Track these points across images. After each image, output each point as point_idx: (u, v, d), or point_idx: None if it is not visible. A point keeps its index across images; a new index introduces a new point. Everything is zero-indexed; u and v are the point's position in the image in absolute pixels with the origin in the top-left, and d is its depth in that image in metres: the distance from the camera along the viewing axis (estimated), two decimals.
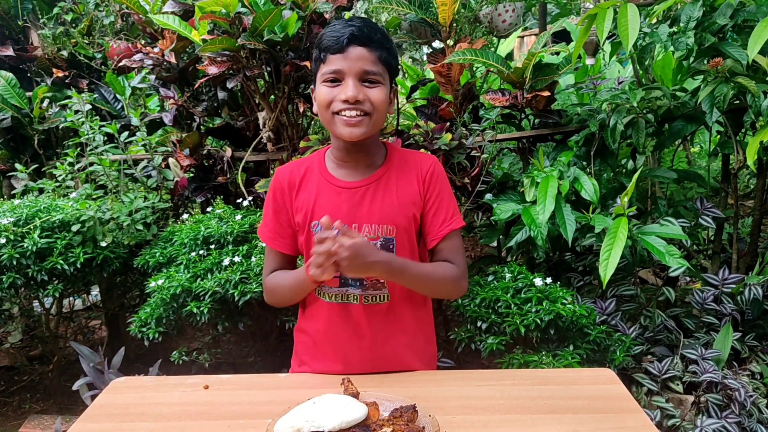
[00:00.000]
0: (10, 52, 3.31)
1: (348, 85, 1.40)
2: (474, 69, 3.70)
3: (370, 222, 1.50)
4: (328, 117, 1.46)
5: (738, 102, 2.42)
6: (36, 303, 2.98)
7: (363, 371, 1.52)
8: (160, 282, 2.13)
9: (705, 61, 2.41)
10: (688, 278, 3.28)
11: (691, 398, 2.16)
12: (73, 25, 3.39)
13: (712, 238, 2.85)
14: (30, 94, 3.18)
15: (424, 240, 1.60)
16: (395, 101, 1.55)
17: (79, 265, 2.25)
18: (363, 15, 3.09)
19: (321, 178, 1.54)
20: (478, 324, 2.07)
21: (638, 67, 2.77)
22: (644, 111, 2.45)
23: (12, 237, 2.21)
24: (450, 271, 1.53)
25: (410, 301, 1.58)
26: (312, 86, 1.53)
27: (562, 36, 5.61)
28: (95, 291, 3.18)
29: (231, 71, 2.40)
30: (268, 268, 1.62)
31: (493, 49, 3.98)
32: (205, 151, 2.72)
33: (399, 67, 1.54)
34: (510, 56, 5.64)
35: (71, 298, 2.97)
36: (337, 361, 1.55)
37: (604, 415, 1.29)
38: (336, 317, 1.54)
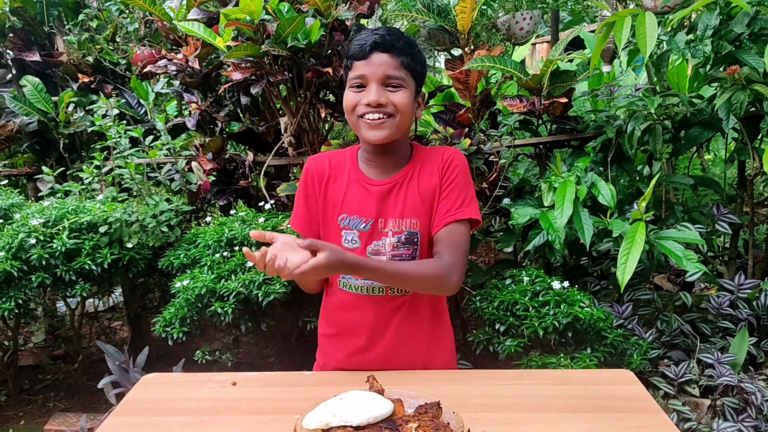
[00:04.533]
0: (36, 57, 3.38)
1: (371, 89, 1.46)
2: (489, 76, 3.73)
3: (395, 217, 1.55)
4: (354, 120, 1.51)
5: (754, 109, 2.45)
6: (60, 304, 3.04)
7: (386, 361, 1.57)
8: (185, 282, 2.17)
9: (722, 69, 2.43)
10: (703, 285, 3.29)
11: (707, 402, 2.18)
12: (98, 31, 3.46)
13: (728, 245, 2.87)
14: (56, 98, 3.25)
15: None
16: (422, 106, 1.60)
17: (106, 266, 2.30)
18: (379, 23, 3.13)
19: (351, 174, 1.59)
20: (496, 326, 2.10)
21: (654, 75, 2.80)
22: (661, 117, 2.48)
23: (41, 238, 2.26)
24: (432, 267, 1.49)
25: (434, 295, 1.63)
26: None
27: (574, 43, 5.62)
28: (117, 292, 3.24)
29: (254, 77, 2.44)
30: None
31: (508, 56, 4.01)
32: (227, 156, 2.77)
33: (425, 73, 1.59)
34: (522, 64, 5.65)
35: (94, 299, 3.02)
36: (362, 351, 1.60)
37: (624, 414, 1.31)
38: (362, 308, 1.59)
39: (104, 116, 2.54)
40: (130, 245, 2.36)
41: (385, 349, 1.60)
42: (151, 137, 2.66)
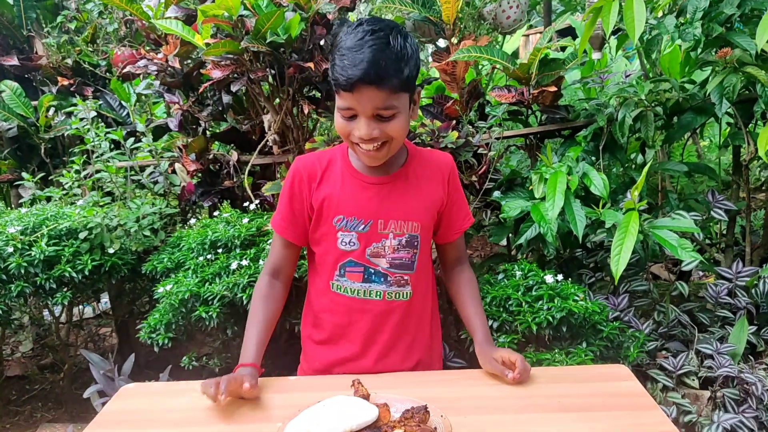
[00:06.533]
0: (14, 61, 3.32)
1: (361, 123, 1.36)
2: (479, 67, 3.67)
3: (396, 218, 1.51)
4: (349, 144, 1.46)
5: (747, 92, 2.39)
6: (46, 312, 2.98)
7: (377, 365, 1.54)
8: (168, 287, 2.12)
9: (713, 52, 2.38)
10: (700, 273, 3.24)
11: (707, 393, 2.13)
12: (77, 33, 3.40)
13: (725, 232, 2.82)
14: (35, 103, 3.19)
15: (436, 234, 1.64)
16: (418, 103, 1.49)
17: (87, 273, 2.24)
18: (366, 16, 3.07)
19: (345, 172, 1.53)
20: (490, 323, 2.05)
21: (645, 61, 2.74)
22: (653, 104, 2.43)
23: (19, 246, 2.20)
24: (475, 280, 1.68)
25: (429, 298, 1.63)
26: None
27: (567, 34, 5.59)
28: (105, 299, 3.18)
29: (235, 75, 2.39)
30: (270, 261, 1.61)
31: (498, 46, 3.95)
32: (211, 156, 2.71)
33: (418, 72, 1.46)
34: (515, 54, 5.62)
35: (81, 307, 2.97)
36: (354, 358, 1.57)
37: (619, 412, 1.27)
38: (356, 312, 1.55)
39: (82, 119, 2.48)
40: (111, 251, 2.30)
41: (377, 357, 1.56)
42: (132, 139, 2.60)
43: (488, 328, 1.58)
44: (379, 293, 1.53)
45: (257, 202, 2.49)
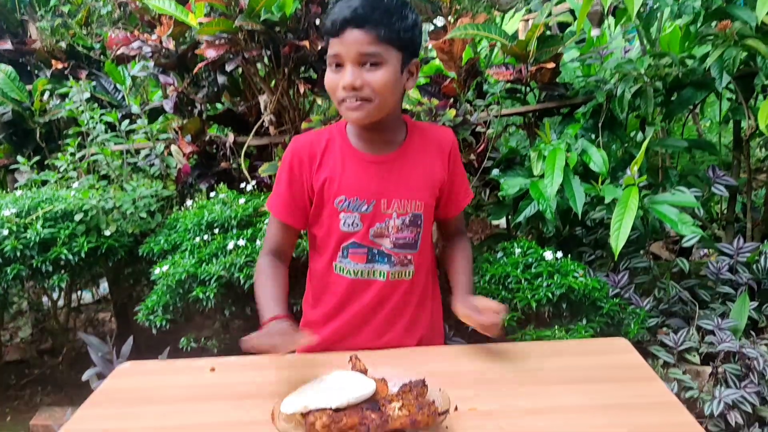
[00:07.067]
0: (8, 45, 3.28)
1: (347, 71, 1.35)
2: (477, 47, 3.63)
3: (399, 197, 1.48)
4: (336, 102, 1.42)
5: (748, 67, 2.36)
6: (45, 298, 2.97)
7: (377, 342, 1.52)
8: (165, 269, 2.10)
9: (713, 25, 2.35)
10: (702, 252, 3.23)
11: (708, 369, 2.12)
12: (71, 16, 3.36)
13: (725, 210, 2.80)
14: (30, 87, 3.15)
15: (437, 210, 1.60)
16: (416, 75, 1.46)
17: (83, 255, 2.22)
18: None
19: (345, 152, 1.49)
20: None
21: (644, 39, 2.71)
22: (652, 79, 2.39)
23: (14, 228, 2.18)
24: (469, 249, 1.67)
25: (430, 275, 1.62)
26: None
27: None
28: (104, 284, 3.17)
29: (230, 54, 2.36)
30: (269, 244, 1.58)
31: (496, 25, 3.90)
32: (207, 138, 2.69)
33: (416, 38, 1.41)
34: (515, 38, 5.57)
35: (79, 292, 2.96)
36: (349, 331, 1.55)
37: (619, 384, 1.26)
38: (358, 293, 1.53)
39: (75, 101, 2.46)
40: (108, 233, 2.28)
41: (375, 333, 1.55)
42: (127, 122, 2.58)
43: (473, 285, 1.57)
44: (382, 273, 1.51)
45: (254, 183, 2.47)
